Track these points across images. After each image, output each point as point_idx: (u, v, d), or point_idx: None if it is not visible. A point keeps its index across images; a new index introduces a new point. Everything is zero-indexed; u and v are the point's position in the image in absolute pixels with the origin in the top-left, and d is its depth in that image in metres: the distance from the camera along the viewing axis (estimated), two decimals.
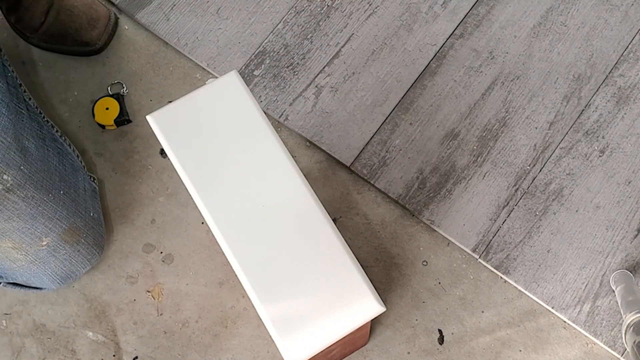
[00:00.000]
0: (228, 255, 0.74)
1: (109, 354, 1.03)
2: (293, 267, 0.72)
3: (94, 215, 1.03)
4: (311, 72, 1.15)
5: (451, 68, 1.16)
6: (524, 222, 1.06)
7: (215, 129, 0.78)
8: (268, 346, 1.02)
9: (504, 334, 1.02)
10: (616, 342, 1.00)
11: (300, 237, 0.74)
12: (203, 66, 1.17)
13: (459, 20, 1.19)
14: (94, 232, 1.01)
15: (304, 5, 1.20)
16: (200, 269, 1.07)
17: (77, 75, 1.18)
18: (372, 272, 1.06)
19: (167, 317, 1.04)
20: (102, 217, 1.06)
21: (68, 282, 1.02)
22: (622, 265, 1.04)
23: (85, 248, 1.00)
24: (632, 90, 1.13)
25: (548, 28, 1.18)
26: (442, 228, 1.07)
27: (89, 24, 1.16)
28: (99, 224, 1.04)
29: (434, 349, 1.02)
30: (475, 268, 1.06)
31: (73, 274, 1.01)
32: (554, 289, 1.03)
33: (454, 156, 1.10)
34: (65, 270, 1.00)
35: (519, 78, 1.15)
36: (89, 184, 1.05)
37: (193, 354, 1.02)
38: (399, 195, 1.08)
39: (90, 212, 1.02)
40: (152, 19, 1.20)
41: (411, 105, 1.13)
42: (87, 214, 1.00)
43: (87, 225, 1.00)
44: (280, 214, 0.74)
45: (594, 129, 1.11)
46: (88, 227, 1.00)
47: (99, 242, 1.03)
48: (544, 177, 1.09)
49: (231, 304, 1.05)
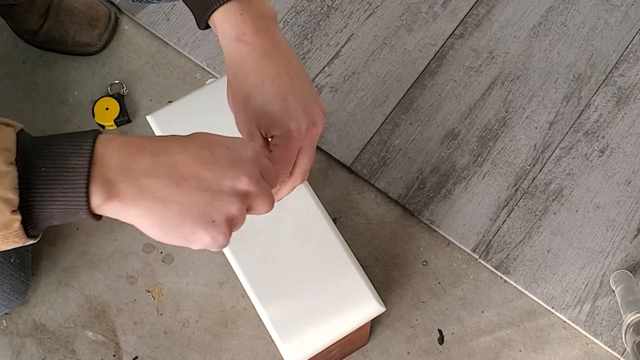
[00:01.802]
0: (228, 255, 0.74)
1: (109, 354, 1.03)
2: (293, 267, 0.72)
3: (15, 261, 0.98)
4: (311, 72, 1.15)
5: (451, 68, 1.16)
6: (524, 222, 1.06)
7: (215, 129, 0.78)
8: (268, 346, 1.02)
9: (504, 334, 1.02)
10: (616, 342, 1.00)
11: (300, 237, 0.74)
12: (203, 66, 1.17)
13: (459, 20, 1.19)
14: (11, 279, 0.97)
15: (304, 5, 1.20)
16: (200, 269, 1.07)
17: (77, 75, 1.18)
18: (372, 272, 1.06)
19: (167, 317, 1.04)
20: (28, 260, 1.03)
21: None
22: (622, 265, 1.04)
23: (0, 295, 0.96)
24: (632, 90, 1.13)
25: (548, 28, 1.18)
26: (442, 228, 1.07)
27: (89, 24, 1.16)
28: (21, 269, 0.99)
29: (434, 349, 1.02)
30: (475, 268, 1.06)
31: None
32: (554, 289, 1.03)
33: (454, 156, 1.10)
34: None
35: (519, 78, 1.15)
36: None
37: (193, 354, 1.02)
38: (399, 195, 1.08)
39: (11, 257, 0.97)
40: (152, 19, 1.20)
41: (411, 105, 1.13)
42: (6, 261, 0.95)
43: (5, 272, 0.95)
44: (280, 214, 0.74)
45: (594, 129, 1.11)
46: (6, 274, 0.95)
47: (17, 289, 0.99)
48: (544, 177, 1.09)
49: (231, 304, 1.05)
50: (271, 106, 0.60)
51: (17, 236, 0.48)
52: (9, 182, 0.46)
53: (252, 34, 0.61)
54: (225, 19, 0.61)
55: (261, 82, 0.60)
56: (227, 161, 0.52)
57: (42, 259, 1.08)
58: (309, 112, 0.61)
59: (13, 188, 0.46)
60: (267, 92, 0.60)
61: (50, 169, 0.48)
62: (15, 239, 0.48)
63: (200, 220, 0.51)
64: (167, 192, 0.50)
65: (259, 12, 0.62)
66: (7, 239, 0.48)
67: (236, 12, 0.61)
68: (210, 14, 0.62)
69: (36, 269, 1.07)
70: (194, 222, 0.51)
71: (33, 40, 1.17)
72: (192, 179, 0.51)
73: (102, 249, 1.08)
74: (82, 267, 1.07)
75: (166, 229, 0.50)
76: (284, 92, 0.60)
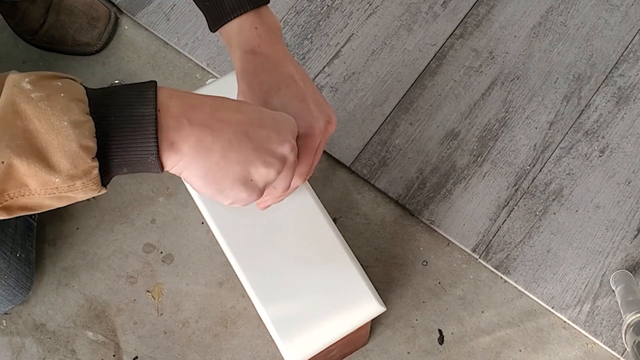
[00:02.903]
0: (228, 255, 0.74)
1: (109, 354, 1.03)
2: (293, 267, 0.72)
3: (21, 256, 0.99)
4: (311, 72, 1.15)
5: (451, 68, 1.16)
6: (524, 222, 1.06)
7: None
8: (268, 346, 1.02)
9: (504, 334, 1.02)
10: (616, 342, 1.00)
11: (300, 237, 0.74)
12: (203, 66, 1.17)
13: (459, 20, 1.19)
14: (17, 274, 0.98)
15: (304, 5, 1.20)
16: (200, 269, 1.07)
17: (77, 75, 1.18)
18: (372, 272, 1.06)
19: (167, 317, 1.04)
20: (32, 256, 1.03)
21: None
22: (622, 265, 1.04)
23: (5, 289, 0.97)
24: (632, 90, 1.13)
25: (548, 28, 1.18)
26: (442, 228, 1.07)
27: (89, 24, 1.16)
28: (26, 264, 1.00)
29: (434, 349, 1.02)
30: (475, 268, 1.06)
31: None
32: (554, 289, 1.03)
33: (454, 156, 1.10)
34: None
35: (519, 78, 1.15)
36: (23, 222, 1.01)
37: (193, 354, 1.02)
38: (399, 195, 1.08)
39: (17, 252, 0.98)
40: (152, 19, 1.20)
41: (411, 105, 1.13)
42: (12, 255, 0.97)
43: (11, 267, 0.97)
44: (280, 214, 0.74)
45: (594, 129, 1.11)
46: (11, 268, 0.97)
47: (22, 283, 1.00)
48: (544, 177, 1.09)
49: (231, 304, 1.05)
50: (290, 108, 0.65)
51: (95, 183, 0.50)
52: (87, 130, 0.49)
53: (266, 46, 0.67)
54: (241, 32, 0.67)
55: (278, 88, 0.66)
56: (274, 127, 0.58)
57: (42, 258, 1.08)
58: (324, 111, 0.66)
59: (92, 136, 0.49)
60: (285, 96, 0.65)
61: (120, 117, 0.51)
62: (92, 186, 0.50)
63: (241, 176, 0.56)
64: (219, 145, 0.54)
65: (269, 25, 0.68)
66: (86, 187, 0.50)
67: (251, 26, 0.67)
68: (225, 23, 0.67)
69: (36, 268, 1.07)
70: (235, 178, 0.56)
71: (33, 40, 1.17)
72: (242, 137, 0.55)
73: (102, 249, 1.08)
74: (82, 267, 1.07)
75: (209, 180, 0.55)
76: (300, 94, 0.66)
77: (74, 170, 0.48)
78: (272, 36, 0.68)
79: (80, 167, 0.48)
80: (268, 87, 0.66)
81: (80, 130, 0.48)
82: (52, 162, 0.48)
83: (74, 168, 0.48)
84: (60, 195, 0.49)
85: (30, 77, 0.49)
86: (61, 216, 1.10)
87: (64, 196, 0.50)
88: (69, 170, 0.48)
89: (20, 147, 0.47)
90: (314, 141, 0.65)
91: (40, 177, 0.48)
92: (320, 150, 0.67)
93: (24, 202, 0.49)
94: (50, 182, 0.48)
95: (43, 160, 0.47)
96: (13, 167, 0.47)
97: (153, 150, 0.51)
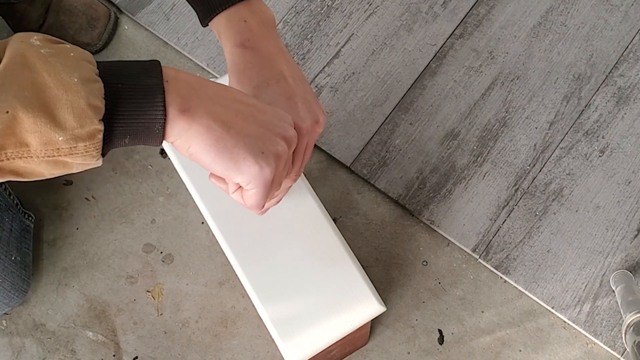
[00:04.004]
0: (228, 255, 0.74)
1: (109, 354, 1.03)
2: (293, 267, 0.72)
3: (17, 259, 0.98)
4: (311, 72, 1.15)
5: (451, 68, 1.16)
6: (524, 222, 1.06)
7: None
8: (268, 346, 1.02)
9: (504, 334, 1.02)
10: (616, 342, 1.00)
11: (300, 237, 0.74)
12: (203, 66, 1.17)
13: (459, 20, 1.19)
14: (12, 277, 0.97)
15: (304, 5, 1.20)
16: (200, 269, 1.07)
17: None
18: (372, 272, 1.06)
19: (167, 317, 1.04)
20: (29, 258, 1.03)
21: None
22: (622, 265, 1.04)
23: (0, 293, 0.96)
24: (632, 90, 1.13)
25: (548, 28, 1.18)
26: (442, 228, 1.07)
27: (89, 24, 1.16)
28: (22, 267, 0.99)
29: (434, 349, 1.02)
30: (475, 268, 1.06)
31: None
32: (554, 289, 1.03)
33: (454, 156, 1.10)
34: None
35: (519, 78, 1.15)
36: (18, 224, 1.00)
37: (193, 354, 1.02)
38: (399, 195, 1.08)
39: (12, 255, 0.97)
40: (152, 19, 1.20)
41: (411, 105, 1.13)
42: (7, 258, 0.96)
43: (6, 270, 0.95)
44: (280, 213, 0.74)
45: (594, 129, 1.11)
46: (7, 271, 0.96)
47: (18, 286, 0.99)
48: (544, 177, 1.09)
49: (231, 304, 1.05)
50: (277, 105, 0.63)
51: (96, 149, 0.49)
52: (97, 90, 0.48)
53: (256, 40, 0.65)
54: (230, 26, 0.65)
55: (266, 84, 0.64)
56: (275, 115, 0.58)
57: (41, 258, 1.08)
58: (312, 111, 0.65)
59: (101, 96, 0.48)
60: (273, 93, 0.64)
61: (128, 85, 0.50)
62: (93, 152, 0.49)
63: (253, 148, 0.55)
64: (229, 117, 0.54)
65: (261, 18, 0.66)
66: (87, 152, 0.48)
67: (240, 19, 0.65)
68: (213, 16, 0.65)
69: (36, 268, 1.07)
70: (246, 148, 0.55)
71: None
72: (249, 113, 0.56)
73: (102, 249, 1.08)
74: (82, 267, 1.07)
75: (221, 150, 0.54)
76: (288, 92, 0.64)
77: (79, 129, 0.47)
78: (264, 30, 0.66)
79: (86, 127, 0.47)
80: (257, 83, 0.64)
81: (90, 89, 0.47)
82: (58, 118, 0.46)
83: (80, 127, 0.47)
84: (57, 159, 0.48)
85: (37, 36, 0.49)
86: (61, 216, 1.10)
87: (61, 161, 0.48)
88: (75, 128, 0.47)
89: (27, 99, 0.45)
90: (301, 141, 0.64)
91: (44, 135, 0.46)
92: (309, 151, 0.66)
93: (17, 166, 0.48)
94: (53, 141, 0.47)
95: (49, 115, 0.46)
96: (17, 120, 0.45)
97: (161, 118, 0.50)
